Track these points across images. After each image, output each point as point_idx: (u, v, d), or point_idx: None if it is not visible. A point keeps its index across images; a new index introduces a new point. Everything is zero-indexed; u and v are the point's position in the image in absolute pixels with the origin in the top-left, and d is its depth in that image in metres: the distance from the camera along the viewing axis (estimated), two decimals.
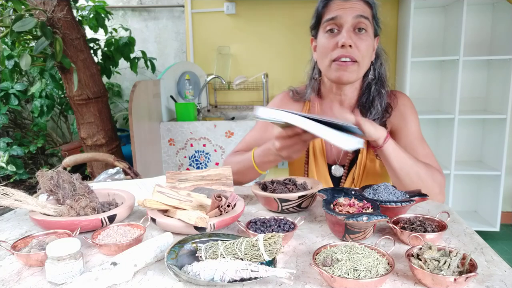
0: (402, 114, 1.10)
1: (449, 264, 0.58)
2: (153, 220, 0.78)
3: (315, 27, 1.12)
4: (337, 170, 1.15)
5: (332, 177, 1.16)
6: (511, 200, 2.93)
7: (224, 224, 0.77)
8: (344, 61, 1.02)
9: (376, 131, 0.93)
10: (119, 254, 0.65)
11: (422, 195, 0.82)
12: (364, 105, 1.10)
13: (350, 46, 1.00)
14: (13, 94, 2.59)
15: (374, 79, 1.10)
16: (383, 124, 1.10)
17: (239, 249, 0.63)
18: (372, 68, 1.10)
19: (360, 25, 1.02)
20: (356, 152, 1.12)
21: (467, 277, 0.55)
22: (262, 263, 0.63)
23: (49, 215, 0.80)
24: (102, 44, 2.68)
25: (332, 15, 1.03)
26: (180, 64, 2.84)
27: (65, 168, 1.46)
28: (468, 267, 0.59)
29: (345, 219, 0.69)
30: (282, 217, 0.79)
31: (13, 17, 1.81)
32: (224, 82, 2.88)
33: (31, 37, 2.27)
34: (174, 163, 2.58)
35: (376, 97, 1.09)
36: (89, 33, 2.47)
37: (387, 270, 0.59)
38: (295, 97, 1.21)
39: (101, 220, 0.78)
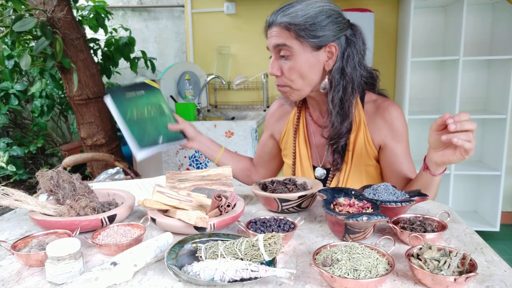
0: (398, 130, 1.07)
1: (449, 264, 0.58)
2: (153, 220, 0.78)
3: None
4: (319, 173, 1.15)
5: (317, 179, 1.15)
6: (511, 200, 2.93)
7: (224, 224, 0.77)
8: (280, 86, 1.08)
9: (444, 161, 0.91)
10: (119, 254, 0.65)
11: (422, 195, 0.82)
12: (329, 119, 1.08)
13: (277, 74, 1.05)
14: (13, 94, 2.59)
15: (326, 89, 1.05)
16: (347, 133, 1.06)
17: (239, 249, 0.63)
18: (327, 78, 1.04)
19: (280, 52, 1.03)
20: (342, 157, 1.10)
21: (467, 277, 0.55)
22: (262, 263, 0.63)
23: (49, 215, 0.80)
24: (102, 44, 2.68)
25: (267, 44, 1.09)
26: (180, 64, 2.84)
27: (65, 168, 1.46)
28: (468, 267, 0.59)
29: (345, 219, 0.69)
30: (282, 217, 0.79)
31: (13, 17, 1.81)
32: (224, 82, 2.88)
33: (31, 37, 2.27)
34: (174, 163, 2.58)
35: (332, 102, 1.04)
36: (89, 33, 2.47)
37: (387, 270, 0.59)
38: (285, 101, 1.24)
39: (101, 220, 0.78)
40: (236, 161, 1.31)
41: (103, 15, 2.60)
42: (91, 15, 2.57)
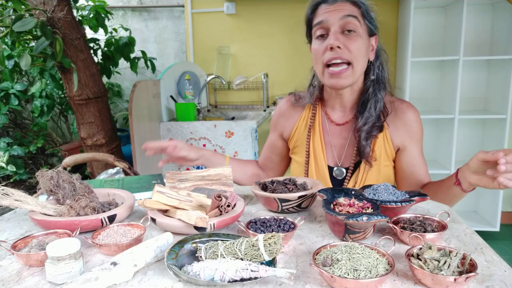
0: (416, 133, 1.10)
1: (449, 264, 0.58)
2: (153, 220, 0.78)
3: (309, 34, 1.12)
4: (338, 172, 1.15)
5: (334, 178, 1.15)
6: (511, 200, 2.93)
7: (224, 224, 0.77)
8: (337, 64, 1.01)
9: (479, 185, 0.91)
10: (119, 254, 0.65)
11: (422, 195, 0.82)
12: (361, 107, 1.10)
13: (339, 47, 1.00)
14: (13, 94, 2.59)
15: (373, 80, 1.09)
16: (379, 128, 1.09)
17: (239, 249, 0.63)
18: (372, 68, 1.09)
19: (348, 26, 1.00)
20: (362, 155, 1.11)
21: (467, 277, 0.55)
22: (262, 263, 0.63)
23: (49, 215, 0.80)
24: (102, 44, 2.68)
25: (319, 19, 1.03)
26: (180, 64, 2.84)
27: (65, 168, 1.46)
28: (468, 267, 0.59)
29: (345, 219, 0.69)
30: (282, 217, 0.79)
31: (13, 17, 1.81)
32: (224, 82, 2.88)
33: (31, 37, 2.27)
34: (174, 163, 2.57)
35: (371, 99, 1.08)
36: (89, 33, 2.47)
37: (387, 270, 0.59)
38: (296, 103, 1.22)
39: (101, 220, 0.78)
40: (243, 167, 1.26)
41: (103, 15, 2.60)
42: (91, 15, 2.57)
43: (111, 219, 0.80)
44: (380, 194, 0.83)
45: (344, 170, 1.14)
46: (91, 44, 2.53)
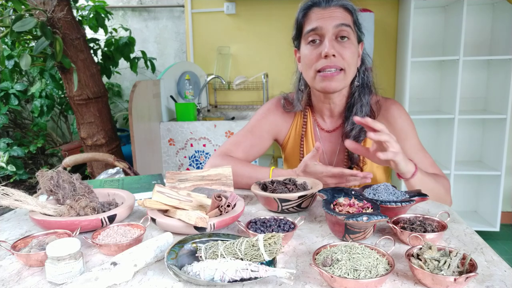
0: (402, 129, 1.08)
1: (449, 264, 0.58)
2: (153, 220, 0.78)
3: (297, 38, 1.11)
4: None
5: None
6: (511, 200, 2.93)
7: (224, 224, 0.77)
8: (330, 72, 1.01)
9: (406, 167, 0.90)
10: (119, 254, 0.65)
11: (422, 195, 0.82)
12: (348, 112, 1.10)
13: (334, 55, 1.00)
14: (13, 94, 2.59)
15: (358, 86, 1.09)
16: (366, 132, 1.08)
17: (239, 249, 0.63)
18: (357, 74, 1.09)
19: (342, 33, 1.01)
20: (352, 160, 1.11)
21: (467, 277, 0.55)
22: (262, 263, 0.63)
23: (49, 215, 0.80)
24: (102, 44, 2.68)
25: (312, 25, 1.02)
26: (180, 64, 2.84)
27: (65, 168, 1.46)
28: (468, 267, 0.59)
29: (345, 219, 0.69)
30: (282, 217, 0.79)
31: (13, 17, 1.81)
32: (224, 82, 2.88)
33: (31, 37, 2.27)
34: (174, 163, 2.58)
35: (357, 104, 1.08)
36: (89, 33, 2.47)
37: (387, 270, 0.59)
38: (286, 108, 1.20)
39: (101, 220, 0.78)
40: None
41: (103, 15, 2.60)
42: (91, 15, 2.57)
43: (111, 219, 0.80)
44: (380, 194, 0.83)
45: None
46: (91, 44, 2.53)
